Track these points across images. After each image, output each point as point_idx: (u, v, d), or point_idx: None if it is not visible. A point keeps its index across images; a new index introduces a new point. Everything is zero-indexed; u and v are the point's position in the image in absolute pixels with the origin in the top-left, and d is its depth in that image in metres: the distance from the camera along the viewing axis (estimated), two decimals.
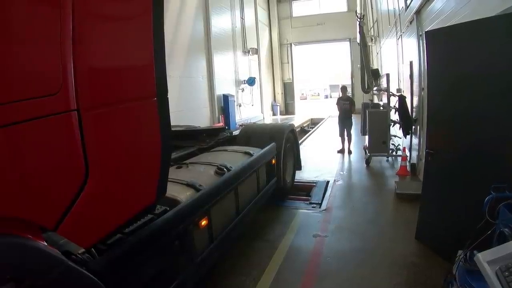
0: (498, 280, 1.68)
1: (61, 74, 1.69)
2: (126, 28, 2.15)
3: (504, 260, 1.76)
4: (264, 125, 7.43)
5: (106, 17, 2.00)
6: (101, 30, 1.95)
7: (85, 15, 1.80)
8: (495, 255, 1.83)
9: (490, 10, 3.69)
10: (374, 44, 19.12)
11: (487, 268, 1.77)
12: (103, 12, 1.97)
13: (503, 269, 1.71)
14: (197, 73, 15.17)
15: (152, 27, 2.23)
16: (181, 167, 4.24)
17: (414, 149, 8.66)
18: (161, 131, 2.40)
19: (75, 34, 1.72)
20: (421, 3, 7.00)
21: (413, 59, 8.19)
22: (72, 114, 1.75)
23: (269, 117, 26.41)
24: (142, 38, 2.21)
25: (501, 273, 1.70)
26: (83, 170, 1.84)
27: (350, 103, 11.18)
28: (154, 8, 2.23)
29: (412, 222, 5.28)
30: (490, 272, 1.74)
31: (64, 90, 1.70)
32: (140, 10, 2.19)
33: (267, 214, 5.85)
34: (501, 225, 2.48)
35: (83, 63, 1.78)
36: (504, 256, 1.78)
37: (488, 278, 1.75)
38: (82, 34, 1.77)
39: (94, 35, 1.89)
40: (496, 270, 1.73)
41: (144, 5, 2.19)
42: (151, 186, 2.46)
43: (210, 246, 3.51)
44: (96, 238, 2.05)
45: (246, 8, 22.02)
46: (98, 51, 1.92)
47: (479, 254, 1.92)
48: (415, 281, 3.84)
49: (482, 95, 3.57)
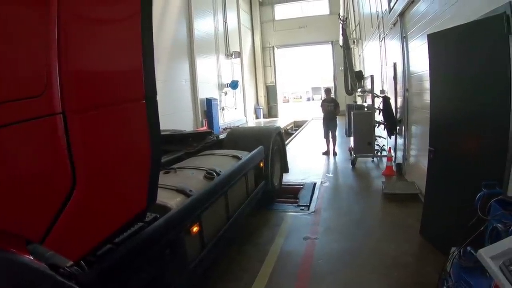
0: (503, 274, 1.68)
1: (45, 75, 1.59)
2: (114, 29, 2.08)
3: (507, 255, 1.76)
4: (251, 128, 7.40)
5: (94, 19, 1.92)
6: (88, 31, 1.87)
7: (72, 16, 1.72)
8: (497, 250, 1.82)
9: (474, 12, 3.76)
10: (356, 47, 19.36)
11: (491, 263, 1.77)
12: (91, 13, 1.89)
13: (507, 264, 1.71)
14: (180, 77, 15.02)
15: (140, 28, 2.16)
16: (169, 172, 4.15)
17: (399, 149, 8.76)
18: (151, 135, 2.32)
19: (61, 35, 1.64)
20: (405, 6, 7.08)
21: (397, 60, 8.29)
22: (57, 117, 1.65)
23: (252, 121, 26.37)
24: (131, 39, 2.13)
25: (505, 267, 1.70)
26: (70, 178, 1.74)
27: (335, 104, 11.24)
28: (142, 9, 2.16)
29: (401, 222, 5.38)
30: (495, 267, 1.74)
31: (48, 92, 1.60)
32: (128, 11, 2.12)
33: (256, 218, 5.80)
34: (494, 221, 2.50)
35: (69, 65, 1.69)
36: (507, 251, 1.78)
37: (493, 273, 1.75)
38: (68, 35, 1.68)
39: (81, 36, 1.80)
40: (500, 264, 1.73)
41: (132, 7, 2.12)
42: (141, 193, 2.37)
43: (202, 253, 3.43)
44: (85, 249, 1.95)
45: (229, 11, 21.97)
46: (85, 53, 1.84)
47: (481, 250, 1.91)
48: (409, 280, 3.85)
49: (475, 95, 3.69)
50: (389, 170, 8.39)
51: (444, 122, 4.32)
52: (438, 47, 4.34)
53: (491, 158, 3.45)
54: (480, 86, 3.62)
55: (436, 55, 4.41)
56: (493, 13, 3.31)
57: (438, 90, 4.45)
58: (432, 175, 4.58)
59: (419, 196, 6.25)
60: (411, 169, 7.66)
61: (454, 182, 4.07)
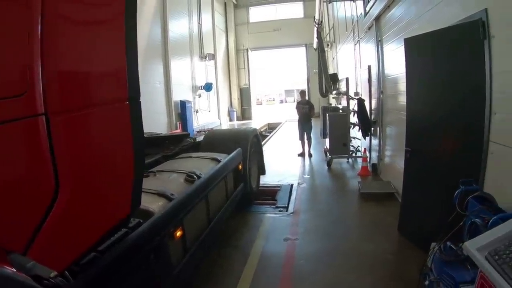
0: (490, 264, 1.75)
1: (28, 75, 1.53)
2: (99, 29, 2.03)
3: (491, 246, 1.84)
4: (228, 130, 7.39)
5: (78, 18, 1.86)
6: (72, 31, 1.81)
7: (56, 16, 1.67)
8: (482, 242, 1.91)
9: (450, 18, 3.90)
10: (330, 50, 19.65)
11: (477, 254, 1.84)
12: (75, 13, 1.83)
13: (492, 254, 1.79)
14: (154, 79, 14.82)
15: (124, 29, 2.12)
16: (149, 175, 4.07)
17: (374, 150, 8.94)
18: (134, 137, 2.28)
19: (45, 35, 1.58)
20: (380, 10, 7.24)
21: (372, 63, 8.47)
22: (39, 118, 1.59)
23: (226, 123, 26.34)
24: (115, 39, 2.09)
25: (491, 257, 1.78)
26: (53, 183, 1.67)
27: (309, 107, 11.38)
28: (127, 9, 2.12)
29: (378, 220, 5.50)
30: (481, 258, 1.81)
31: (30, 92, 1.54)
32: (113, 11, 2.08)
33: (235, 221, 5.77)
34: (472, 216, 2.60)
35: (52, 65, 1.64)
36: (491, 242, 1.87)
37: (479, 263, 1.83)
38: (52, 35, 1.63)
39: (65, 36, 1.75)
40: (486, 255, 1.80)
41: (116, 7, 2.08)
42: (125, 198, 2.32)
43: (185, 257, 3.38)
44: (70, 259, 1.88)
45: (204, 13, 21.91)
46: (69, 53, 1.78)
47: (467, 243, 2.00)
48: (390, 277, 3.93)
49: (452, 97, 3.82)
50: (365, 170, 8.56)
51: (420, 123, 4.45)
52: (414, 51, 4.47)
53: (467, 157, 3.59)
54: (456, 89, 3.75)
55: (412, 59, 4.54)
56: (469, 19, 3.44)
57: (415, 93, 4.59)
58: (409, 174, 4.69)
59: (395, 195, 6.43)
60: (386, 169, 7.84)
61: (431, 180, 4.20)
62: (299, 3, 28.45)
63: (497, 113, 3.12)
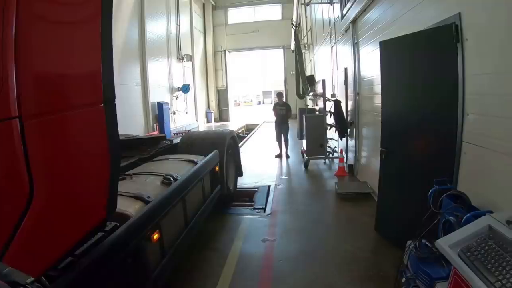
0: (462, 261, 1.80)
1: (1, 77, 1.48)
2: (74, 32, 1.99)
3: (464, 243, 1.90)
4: (205, 132, 7.32)
5: (53, 21, 1.82)
6: (47, 34, 1.77)
7: (31, 18, 1.62)
8: (454, 239, 1.96)
9: (425, 22, 4.01)
10: (308, 52, 19.82)
11: (450, 251, 1.90)
12: (50, 14, 1.79)
13: (464, 251, 1.85)
14: (131, 80, 14.59)
15: (100, 32, 2.08)
16: (125, 178, 4.01)
17: (350, 150, 9.06)
18: (109, 139, 2.25)
19: (19, 37, 1.54)
20: (357, 13, 7.35)
21: (348, 65, 8.60)
22: (13, 122, 1.54)
23: (204, 125, 26.20)
24: (90, 41, 2.06)
25: (463, 254, 1.83)
26: (27, 187, 1.63)
27: (286, 108, 11.44)
28: (103, 13, 2.10)
29: (355, 220, 5.59)
30: (454, 255, 1.87)
31: (3, 94, 1.49)
32: (88, 14, 2.05)
33: (213, 223, 5.73)
34: (446, 214, 2.69)
35: (26, 67, 1.60)
36: (463, 239, 1.92)
37: (452, 260, 1.88)
38: (26, 38, 1.59)
39: (40, 38, 1.71)
40: (458, 252, 1.86)
41: (93, 10, 2.05)
42: (100, 201, 2.29)
43: (163, 260, 3.34)
44: (47, 263, 1.84)
45: (182, 14, 21.73)
46: (43, 55, 1.74)
47: (440, 240, 2.06)
48: (369, 274, 4.00)
49: (426, 99, 3.93)
50: (341, 171, 8.68)
51: (395, 124, 4.54)
52: (390, 54, 4.57)
53: (441, 157, 3.69)
54: (430, 91, 3.86)
55: (388, 61, 4.63)
56: (443, 23, 3.55)
57: (390, 94, 4.68)
58: (385, 174, 4.79)
59: (372, 195, 6.54)
60: (362, 169, 7.97)
61: (406, 180, 4.30)
62: (277, 5, 28.66)
63: (470, 114, 3.23)
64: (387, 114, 4.72)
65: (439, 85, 3.70)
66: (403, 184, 4.35)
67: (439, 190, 3.01)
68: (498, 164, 2.82)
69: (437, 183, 3.08)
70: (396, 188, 4.51)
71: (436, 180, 3.10)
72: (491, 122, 2.91)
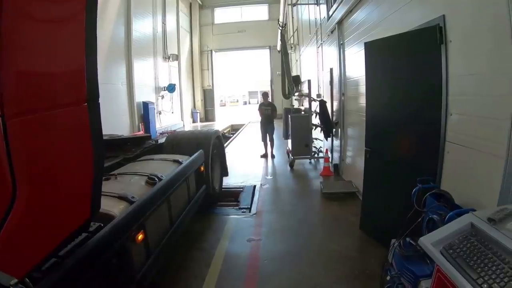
0: (445, 258, 1.82)
1: None
2: (57, 30, 1.94)
3: (446, 240, 1.93)
4: (190, 132, 7.27)
5: (36, 19, 1.77)
6: (29, 32, 1.72)
7: (13, 16, 1.58)
8: (437, 237, 1.99)
9: (409, 23, 4.07)
10: (294, 52, 19.90)
11: (432, 249, 1.93)
12: (33, 13, 1.74)
13: (447, 248, 1.88)
14: (117, 80, 14.41)
15: (84, 28, 2.05)
16: (109, 178, 3.95)
17: (335, 150, 9.13)
18: (93, 139, 2.21)
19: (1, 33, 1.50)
20: (343, 14, 7.40)
21: (334, 66, 8.66)
22: None
23: (189, 125, 26.07)
24: (74, 39, 2.02)
25: (446, 252, 1.86)
26: (10, 187, 1.59)
27: (272, 108, 11.45)
28: (87, 11, 2.06)
29: (341, 219, 5.64)
30: (436, 252, 1.89)
31: None
32: (72, 12, 2.01)
33: (198, 223, 5.71)
34: (429, 213, 2.74)
35: (8, 65, 1.55)
36: (446, 237, 1.95)
37: (435, 257, 1.91)
38: (7, 35, 1.54)
39: (22, 36, 1.66)
40: (441, 249, 1.88)
41: (77, 7, 2.01)
42: (84, 201, 2.25)
43: (148, 261, 3.31)
44: (31, 265, 1.80)
45: (168, 13, 21.57)
46: (26, 53, 1.70)
47: (422, 238, 2.09)
48: (354, 272, 4.04)
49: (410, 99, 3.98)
50: (327, 170, 8.74)
51: (380, 124, 4.60)
52: (374, 55, 4.63)
53: (425, 156, 3.74)
54: (414, 91, 3.91)
55: (372, 62, 4.69)
56: (428, 24, 3.60)
57: (374, 95, 4.73)
58: (369, 174, 4.84)
59: (357, 194, 6.62)
60: (347, 169, 8.03)
61: (390, 179, 4.36)
62: (264, 6, 28.70)
63: (453, 114, 3.29)
64: (372, 114, 4.77)
65: (423, 86, 3.75)
66: (388, 183, 4.40)
67: (422, 189, 3.06)
68: (481, 163, 2.87)
69: (420, 182, 3.13)
70: (381, 187, 4.57)
71: (419, 179, 3.15)
72: (474, 122, 2.96)
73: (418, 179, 3.15)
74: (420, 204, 2.98)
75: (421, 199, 2.99)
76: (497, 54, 2.65)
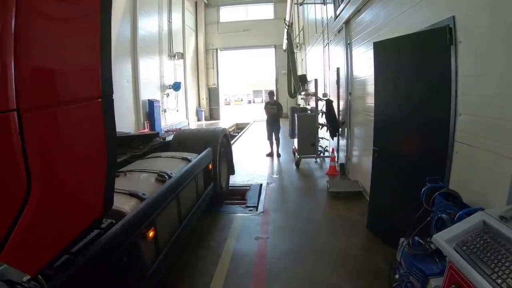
0: (458, 254, 1.85)
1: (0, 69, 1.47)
2: (74, 27, 1.98)
3: (458, 238, 1.95)
4: (197, 130, 7.31)
5: (53, 16, 1.80)
6: (46, 28, 1.75)
7: (31, 11, 1.61)
8: (450, 234, 2.01)
9: (418, 24, 4.07)
10: (299, 51, 19.88)
11: (446, 246, 1.95)
12: (50, 10, 1.78)
13: (460, 245, 1.90)
14: (122, 77, 14.47)
15: (99, 25, 2.08)
16: (119, 175, 3.98)
17: (341, 150, 9.13)
18: (107, 135, 2.24)
19: (18, 31, 1.52)
20: (350, 14, 7.39)
21: (340, 65, 8.65)
22: (11, 115, 1.52)
23: (194, 123, 26.13)
24: (90, 36, 2.05)
25: (459, 248, 1.88)
26: (25, 183, 1.60)
27: (278, 107, 11.47)
28: (102, 8, 2.09)
29: (347, 218, 5.66)
30: (450, 249, 1.91)
31: (2, 87, 1.48)
32: (88, 10, 2.04)
33: (206, 221, 5.74)
34: (438, 212, 2.74)
35: (26, 60, 1.58)
36: (458, 234, 1.97)
37: (449, 254, 1.94)
38: (25, 32, 1.57)
39: (39, 33, 1.69)
40: (454, 246, 1.90)
41: (92, 5, 2.04)
42: (97, 198, 2.27)
43: (158, 258, 3.33)
44: (44, 261, 1.81)
45: (174, 11, 21.66)
46: (42, 48, 1.72)
47: (435, 236, 2.11)
48: (360, 271, 4.06)
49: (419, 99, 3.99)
50: (333, 170, 8.75)
51: (388, 124, 4.61)
52: (383, 54, 4.63)
53: (433, 156, 3.74)
54: (423, 91, 3.91)
55: (381, 62, 4.69)
56: (437, 25, 3.61)
57: (383, 94, 4.73)
58: (377, 173, 4.85)
59: (363, 194, 6.62)
60: (354, 168, 8.03)
61: (398, 179, 4.36)
62: (269, 4, 28.67)
63: (462, 115, 3.29)
64: (380, 113, 4.77)
65: (432, 86, 3.75)
66: (395, 183, 4.40)
67: (431, 188, 3.07)
68: (489, 164, 2.88)
69: (429, 181, 3.14)
70: (388, 186, 4.57)
71: (428, 179, 3.16)
72: (483, 122, 2.97)
73: (427, 178, 3.16)
74: (429, 203, 2.99)
75: (430, 199, 3.01)
76: (507, 55, 2.65)
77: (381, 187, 4.76)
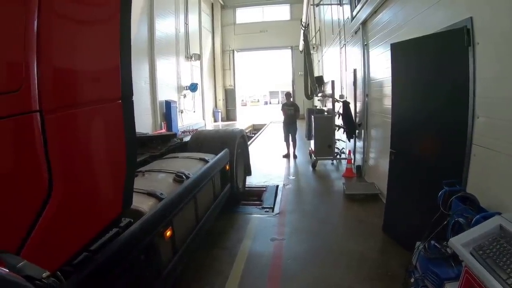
0: (474, 258, 1.84)
1: (23, 70, 1.52)
2: (94, 28, 2.05)
3: (475, 242, 1.94)
4: (215, 131, 7.36)
5: (74, 16, 1.87)
6: (68, 29, 1.82)
7: (53, 13, 1.67)
8: (466, 238, 2.00)
9: (435, 25, 4.04)
10: (316, 52, 19.80)
11: (462, 250, 1.94)
12: (72, 10, 1.84)
13: (477, 249, 1.90)
14: (140, 78, 14.67)
15: (119, 27, 2.14)
16: (137, 175, 4.04)
17: (358, 152, 9.06)
18: (126, 135, 2.29)
19: (41, 32, 1.58)
20: (367, 15, 7.35)
21: (357, 67, 8.60)
22: (34, 115, 1.57)
23: (211, 124, 26.31)
24: (110, 38, 2.11)
25: (476, 253, 1.88)
26: (47, 181, 1.66)
27: (295, 108, 11.47)
28: (122, 10, 2.15)
29: (363, 220, 5.62)
30: (466, 253, 1.91)
31: (25, 88, 1.52)
32: (108, 12, 2.10)
33: (222, 221, 5.77)
34: (455, 216, 2.72)
35: (48, 62, 1.63)
36: (475, 238, 1.97)
37: (465, 258, 1.94)
38: (48, 32, 1.63)
39: (61, 33, 1.75)
40: (471, 250, 1.90)
41: (112, 7, 2.10)
42: (117, 196, 2.32)
43: (174, 258, 3.37)
44: (64, 258, 1.86)
45: (191, 13, 21.87)
46: (64, 50, 1.78)
47: (452, 239, 2.10)
48: (377, 274, 4.03)
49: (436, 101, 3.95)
50: (349, 172, 8.70)
51: (405, 126, 4.57)
52: (401, 56, 4.61)
53: (450, 159, 3.71)
54: (440, 93, 3.87)
55: (398, 63, 4.67)
56: (454, 26, 3.57)
57: (400, 96, 4.70)
58: (394, 175, 4.81)
59: (380, 196, 6.57)
60: (370, 170, 7.98)
61: (415, 181, 4.32)
62: (285, 6, 28.67)
63: (480, 117, 3.25)
64: (397, 115, 4.74)
65: (450, 88, 3.71)
66: (412, 185, 4.37)
67: (448, 191, 3.05)
68: (507, 167, 2.83)
69: (446, 184, 3.12)
70: (405, 189, 4.54)
71: (445, 182, 3.13)
72: (502, 125, 2.92)
73: (444, 181, 3.14)
74: (446, 206, 2.97)
75: (447, 202, 2.98)
76: None
77: (398, 190, 4.73)
